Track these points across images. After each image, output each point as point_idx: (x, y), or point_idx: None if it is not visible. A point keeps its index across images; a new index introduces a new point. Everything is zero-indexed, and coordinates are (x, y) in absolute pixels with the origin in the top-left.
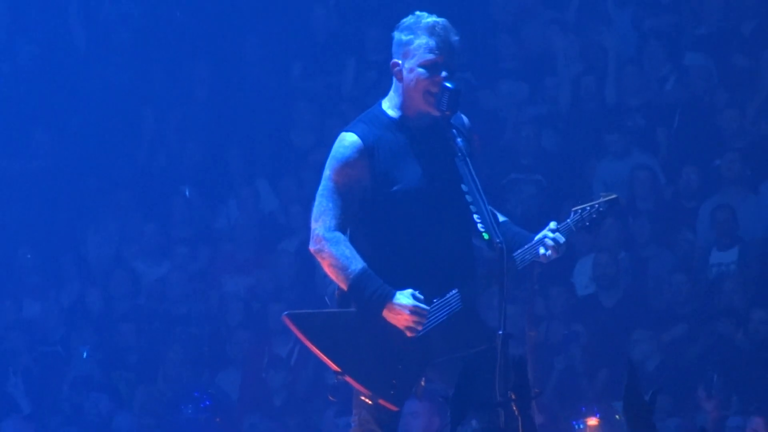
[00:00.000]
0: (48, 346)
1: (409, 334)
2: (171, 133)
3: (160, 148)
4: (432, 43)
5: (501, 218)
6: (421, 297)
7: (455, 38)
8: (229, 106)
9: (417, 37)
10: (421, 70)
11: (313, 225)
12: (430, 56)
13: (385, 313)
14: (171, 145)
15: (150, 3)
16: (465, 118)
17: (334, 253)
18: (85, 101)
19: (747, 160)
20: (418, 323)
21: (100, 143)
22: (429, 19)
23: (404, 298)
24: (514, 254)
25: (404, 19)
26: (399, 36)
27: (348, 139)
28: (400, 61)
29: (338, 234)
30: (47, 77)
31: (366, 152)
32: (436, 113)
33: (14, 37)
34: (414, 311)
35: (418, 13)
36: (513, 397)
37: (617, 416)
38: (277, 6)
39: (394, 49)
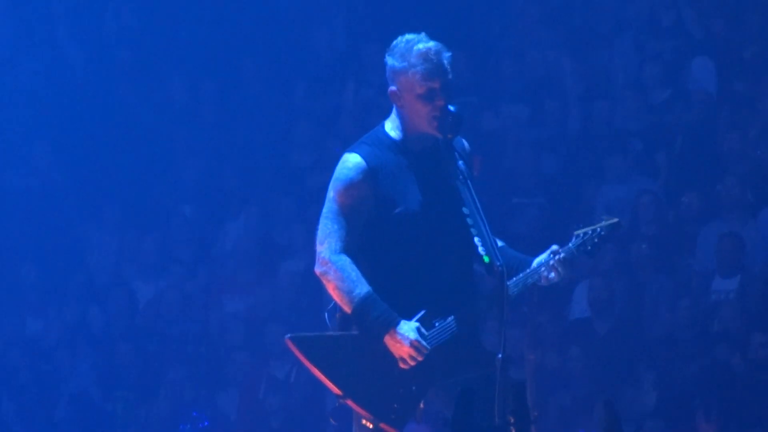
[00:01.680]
0: (47, 364)
1: (402, 365)
2: (172, 152)
3: (161, 166)
4: (427, 70)
5: (499, 243)
6: (426, 333)
7: (447, 55)
8: (230, 125)
9: (411, 66)
10: (419, 98)
11: (318, 248)
12: (428, 84)
13: (387, 339)
14: (171, 163)
15: (151, 21)
16: (465, 143)
17: (339, 275)
18: (86, 118)
19: (747, 184)
20: (414, 358)
21: (101, 161)
22: (420, 45)
23: (409, 329)
24: (515, 278)
25: (395, 43)
26: (393, 62)
27: (352, 161)
28: (396, 89)
29: (344, 257)
30: (48, 93)
31: (369, 173)
32: (439, 135)
33: (16, 54)
34: (414, 345)
35: (408, 36)
36: (512, 420)
37: None
38: (279, 26)
39: (389, 75)
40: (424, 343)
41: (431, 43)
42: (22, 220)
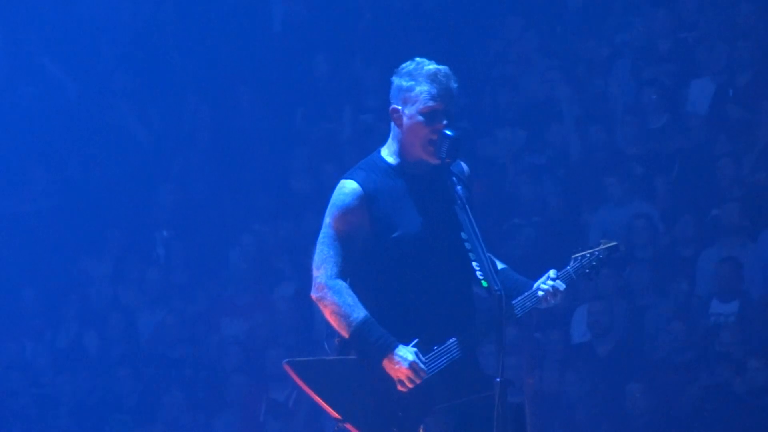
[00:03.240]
0: (41, 388)
1: (400, 387)
2: (169, 176)
3: (158, 190)
4: (434, 90)
5: (500, 265)
6: (423, 359)
7: (455, 85)
8: (229, 151)
9: (418, 84)
10: (421, 117)
11: (315, 273)
12: (432, 104)
13: (385, 363)
14: (169, 188)
15: (149, 46)
16: (465, 166)
17: (336, 300)
18: (83, 143)
19: (745, 210)
20: (412, 380)
21: (98, 185)
22: (430, 66)
23: (407, 352)
24: (514, 301)
25: (404, 65)
26: (399, 81)
27: (348, 187)
28: (399, 107)
29: (340, 282)
30: (45, 118)
31: (366, 199)
32: (435, 161)
33: (12, 79)
34: (413, 367)
35: (418, 59)
36: None
37: None
38: (277, 52)
39: (393, 94)
40: (422, 365)
41: (441, 67)
42: (19, 244)
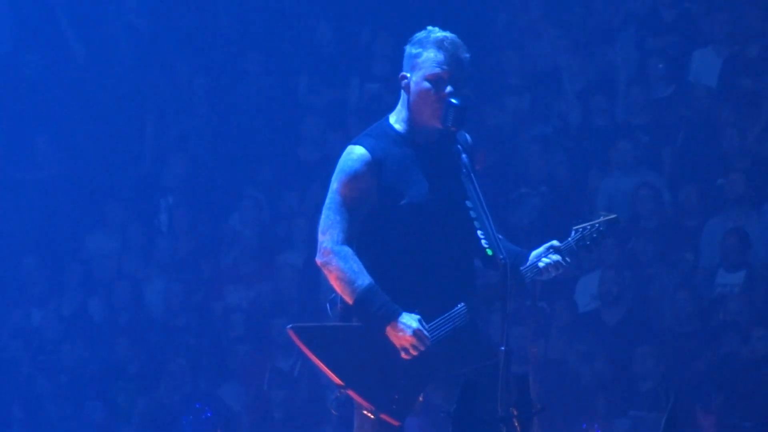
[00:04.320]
0: (46, 355)
1: (404, 355)
2: (175, 145)
3: (163, 159)
4: (440, 57)
5: (500, 237)
6: (426, 327)
7: (465, 55)
8: (233, 119)
9: (425, 51)
10: (427, 83)
11: (321, 238)
12: (437, 70)
13: (388, 330)
14: (174, 156)
15: (154, 16)
16: (468, 137)
17: (341, 266)
18: (89, 111)
19: (750, 179)
20: (416, 347)
21: (103, 154)
22: (439, 33)
23: (410, 319)
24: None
25: (417, 34)
26: (409, 49)
27: (356, 152)
28: (408, 74)
29: (346, 248)
30: (51, 87)
31: (374, 165)
32: (442, 127)
33: (18, 47)
34: (416, 334)
35: (430, 27)
36: (515, 413)
37: None
38: (283, 20)
39: (404, 62)
40: (426, 332)
41: (450, 35)
42: (23, 212)
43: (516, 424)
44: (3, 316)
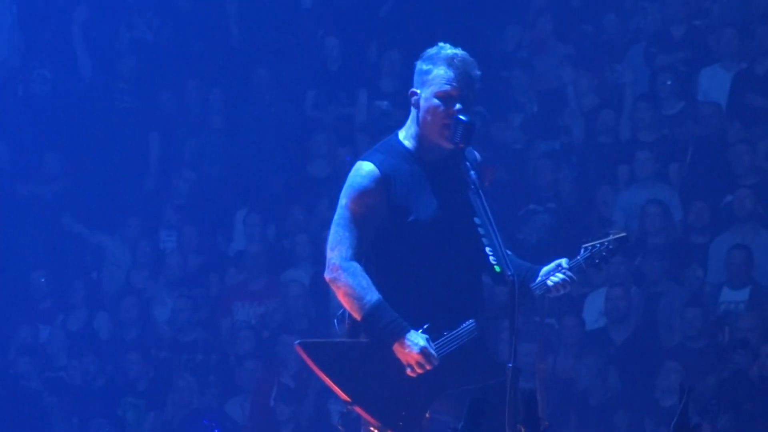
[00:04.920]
0: (54, 372)
1: (409, 372)
2: (182, 161)
3: (172, 174)
4: (450, 74)
5: (508, 253)
6: (433, 345)
7: (475, 72)
8: (242, 134)
9: (435, 67)
10: (436, 100)
11: (329, 254)
12: (446, 87)
13: (396, 347)
14: (182, 171)
15: (164, 30)
16: (477, 153)
17: (350, 282)
18: (97, 126)
19: (759, 197)
20: (422, 365)
21: (112, 169)
22: (450, 50)
23: (418, 337)
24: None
25: (428, 50)
26: (420, 65)
27: (365, 169)
28: (418, 90)
29: (354, 264)
30: (59, 101)
31: (383, 182)
32: (449, 146)
33: (27, 62)
34: (423, 352)
35: (441, 44)
36: (522, 430)
37: None
38: (291, 36)
39: (415, 78)
40: (432, 350)
41: (460, 52)
42: (32, 227)
43: None
44: (11, 331)
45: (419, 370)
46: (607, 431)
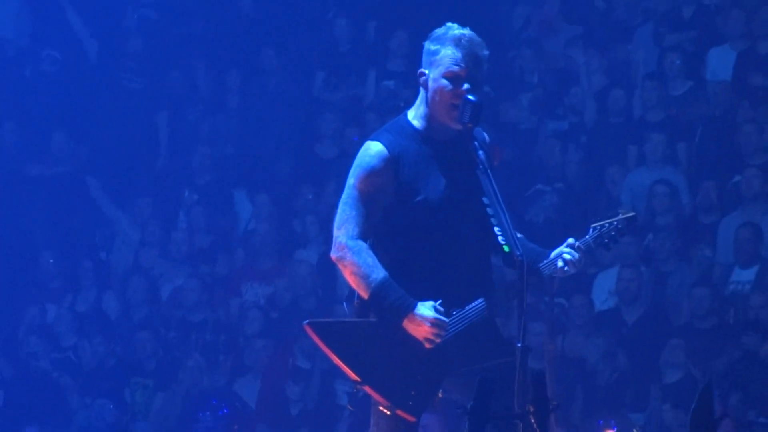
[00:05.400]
0: (62, 352)
1: (427, 345)
2: (191, 142)
3: (181, 155)
4: (457, 54)
5: (518, 235)
6: (442, 309)
7: (483, 53)
8: (250, 115)
9: (443, 48)
10: (444, 81)
11: (336, 233)
12: (454, 68)
13: (406, 324)
14: (191, 153)
15: (171, 12)
16: (485, 134)
17: (356, 261)
18: (106, 107)
19: (767, 176)
20: (437, 335)
21: (120, 149)
22: (457, 30)
23: (426, 309)
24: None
25: (436, 30)
26: (428, 46)
27: (374, 148)
28: (426, 71)
29: (361, 242)
30: (67, 82)
31: (391, 161)
32: (457, 126)
33: (35, 44)
34: (435, 323)
35: (449, 24)
36: (531, 409)
37: (634, 429)
38: (298, 17)
39: (423, 58)
40: (443, 317)
41: (468, 32)
42: (40, 208)
43: (532, 421)
44: (21, 311)
45: (437, 340)
46: (614, 410)
